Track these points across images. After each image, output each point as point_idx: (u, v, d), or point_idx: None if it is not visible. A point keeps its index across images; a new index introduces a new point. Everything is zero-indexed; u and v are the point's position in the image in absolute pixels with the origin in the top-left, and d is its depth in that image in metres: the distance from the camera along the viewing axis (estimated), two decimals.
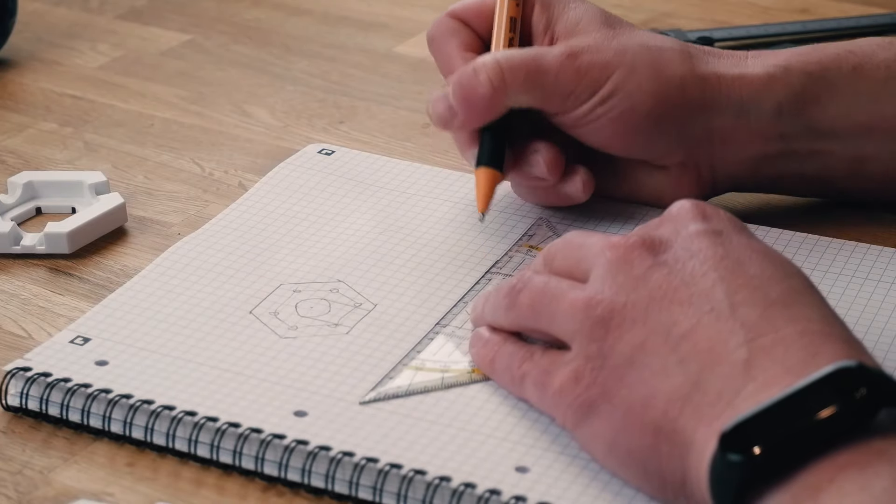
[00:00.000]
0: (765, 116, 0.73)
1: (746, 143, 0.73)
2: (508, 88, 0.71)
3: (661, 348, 0.57)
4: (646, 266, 0.59)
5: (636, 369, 0.57)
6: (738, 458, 0.52)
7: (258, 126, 0.90)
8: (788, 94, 0.73)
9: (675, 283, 0.58)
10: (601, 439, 0.58)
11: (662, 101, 0.72)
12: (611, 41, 0.72)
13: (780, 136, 0.73)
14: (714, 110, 0.73)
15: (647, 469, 0.57)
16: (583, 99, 0.72)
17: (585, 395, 0.58)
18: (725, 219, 0.61)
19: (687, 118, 0.73)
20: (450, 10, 0.76)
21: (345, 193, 0.80)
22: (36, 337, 0.70)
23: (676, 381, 0.56)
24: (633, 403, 0.57)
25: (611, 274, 0.59)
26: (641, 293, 0.58)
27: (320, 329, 0.68)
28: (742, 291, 0.57)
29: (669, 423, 0.55)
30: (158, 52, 1.00)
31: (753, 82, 0.73)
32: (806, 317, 0.56)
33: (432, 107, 0.73)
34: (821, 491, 0.50)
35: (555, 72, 0.71)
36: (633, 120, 0.72)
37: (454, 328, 0.68)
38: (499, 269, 0.73)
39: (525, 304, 0.62)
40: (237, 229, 0.77)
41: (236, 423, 0.62)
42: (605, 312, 0.59)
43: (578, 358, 0.59)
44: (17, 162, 0.86)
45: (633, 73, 0.72)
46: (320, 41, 1.02)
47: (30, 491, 0.61)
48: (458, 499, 0.58)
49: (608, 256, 0.60)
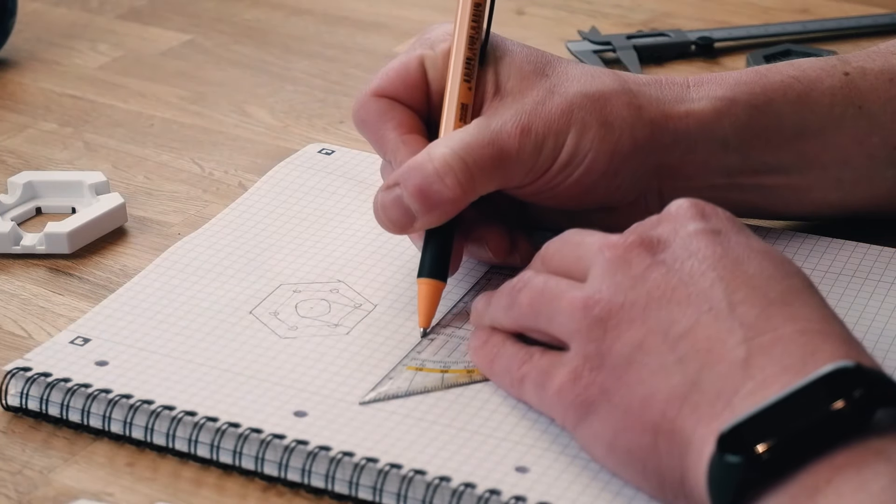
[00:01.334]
0: (712, 150, 0.72)
1: (693, 176, 0.72)
2: (476, 184, 0.67)
3: (660, 347, 0.57)
4: (644, 265, 0.59)
5: (635, 369, 0.57)
6: (737, 459, 0.52)
7: (258, 126, 0.90)
8: (735, 128, 0.71)
9: (674, 283, 0.58)
10: (601, 439, 0.58)
11: (616, 156, 0.70)
12: (553, 97, 0.69)
13: (726, 169, 0.72)
14: (663, 149, 0.71)
15: (646, 468, 0.57)
16: (542, 170, 0.69)
17: (584, 395, 0.58)
18: (724, 218, 0.61)
19: (638, 163, 0.71)
20: (373, 88, 0.71)
21: (345, 193, 0.80)
22: (36, 337, 0.70)
23: (675, 381, 0.56)
24: (632, 403, 0.57)
25: (609, 273, 0.59)
26: (640, 292, 0.58)
27: (320, 329, 0.68)
28: (741, 290, 0.57)
29: (668, 422, 0.56)
30: (158, 52, 1.00)
31: (701, 118, 0.71)
32: (805, 316, 0.56)
33: (385, 212, 0.67)
34: (818, 491, 0.50)
35: (516, 153, 0.68)
36: (590, 180, 0.70)
37: (454, 328, 0.68)
38: (499, 269, 0.73)
39: (524, 304, 0.62)
40: (237, 229, 0.77)
41: (236, 423, 0.62)
42: (603, 312, 0.59)
43: (577, 358, 0.59)
44: (17, 162, 0.86)
45: (585, 135, 0.69)
46: (320, 41, 1.02)
47: (30, 491, 0.61)
48: (458, 499, 0.58)
49: (606, 256, 0.60)
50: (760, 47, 0.98)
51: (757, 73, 0.73)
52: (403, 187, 0.67)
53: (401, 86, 0.71)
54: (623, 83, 0.71)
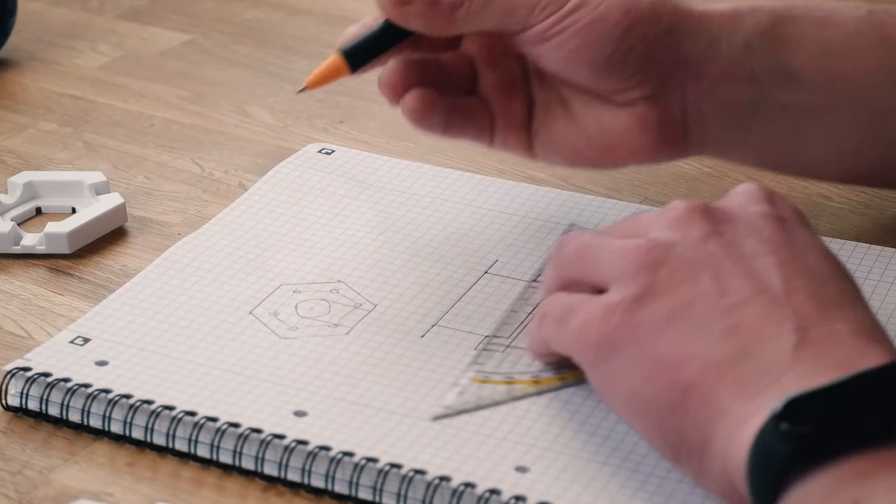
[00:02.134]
0: (735, 49, 0.70)
1: (719, 78, 0.70)
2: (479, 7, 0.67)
3: (709, 312, 0.56)
4: (705, 231, 0.59)
5: (676, 325, 0.56)
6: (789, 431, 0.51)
7: (258, 126, 0.90)
8: (757, 30, 0.71)
9: (733, 256, 0.58)
10: (621, 385, 0.58)
11: (632, 14, 0.68)
12: None
13: (752, 74, 0.70)
14: (684, 36, 0.70)
15: (664, 424, 0.56)
16: (551, 10, 0.68)
17: (612, 336, 0.57)
18: (791, 209, 0.61)
19: (656, 40, 0.69)
20: None
21: (345, 193, 0.80)
22: (36, 337, 0.70)
23: (720, 349, 0.55)
24: (666, 357, 0.56)
25: (670, 229, 0.59)
26: (698, 253, 0.58)
27: (320, 329, 0.68)
28: (799, 280, 0.57)
29: (706, 386, 0.55)
30: (158, 52, 1.00)
31: (722, 15, 0.71)
32: (857, 319, 0.56)
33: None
34: (853, 484, 0.50)
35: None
36: (602, 31, 0.68)
37: (513, 339, 0.67)
38: (497, 272, 0.73)
39: (570, 253, 0.61)
40: (237, 229, 0.77)
41: (236, 423, 0.62)
42: (657, 259, 0.58)
43: (614, 297, 0.58)
44: (17, 162, 0.86)
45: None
46: (320, 41, 1.02)
47: (30, 491, 0.61)
48: (458, 499, 0.58)
49: (669, 215, 0.60)
50: None
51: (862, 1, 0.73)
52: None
53: None
54: None
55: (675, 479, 0.59)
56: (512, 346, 0.66)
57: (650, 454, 0.60)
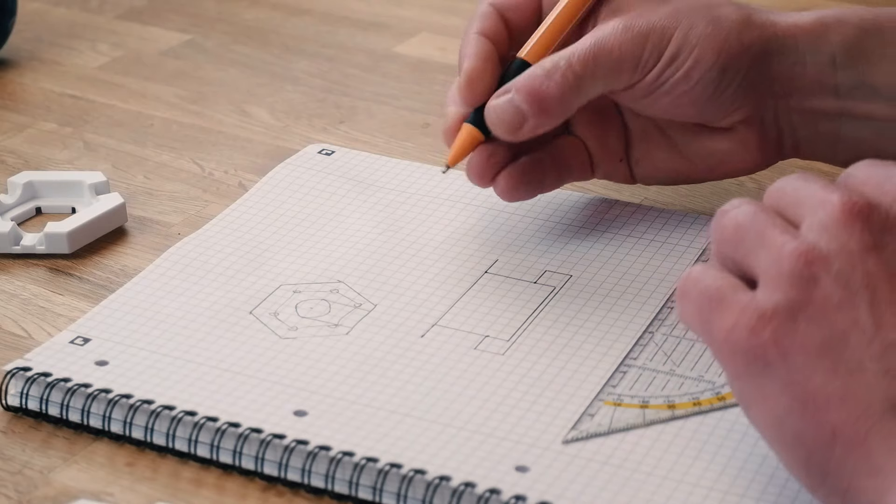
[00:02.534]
0: (820, 65, 0.72)
1: (806, 92, 0.72)
2: (582, 83, 0.70)
3: (864, 350, 0.53)
4: (864, 244, 0.54)
5: (830, 358, 0.53)
6: None
7: (258, 126, 0.90)
8: (843, 44, 0.72)
9: (894, 278, 0.53)
10: (767, 407, 0.54)
11: (724, 52, 0.71)
12: (662, 6, 0.72)
13: (836, 89, 0.72)
14: (772, 56, 0.72)
15: (810, 460, 0.53)
16: (649, 67, 0.71)
17: (762, 351, 0.54)
18: None
19: (747, 66, 0.72)
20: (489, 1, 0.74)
21: (345, 193, 0.80)
22: (36, 337, 0.70)
23: (873, 395, 0.52)
24: (818, 394, 0.53)
25: (828, 233, 0.53)
26: (856, 273, 0.53)
27: (320, 329, 0.68)
28: None
29: (856, 435, 0.52)
30: (158, 52, 1.00)
31: (807, 30, 0.72)
32: None
33: (497, 114, 0.70)
34: None
35: (618, 48, 0.70)
36: (700, 76, 0.71)
37: (645, 360, 0.66)
38: (496, 272, 0.73)
39: (729, 227, 0.57)
40: (237, 230, 0.77)
41: (236, 423, 0.62)
42: (812, 275, 0.54)
43: (765, 304, 0.54)
44: (17, 162, 0.86)
45: (693, 30, 0.71)
46: (320, 41, 1.02)
47: (30, 491, 0.61)
48: (458, 498, 0.58)
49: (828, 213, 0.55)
50: None
51: (868, 8, 0.73)
52: (515, 90, 0.70)
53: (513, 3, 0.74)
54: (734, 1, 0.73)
55: (675, 479, 0.59)
56: (645, 368, 0.65)
57: (650, 454, 0.60)
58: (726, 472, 0.59)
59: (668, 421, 0.62)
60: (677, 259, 0.73)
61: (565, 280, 0.72)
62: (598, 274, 0.72)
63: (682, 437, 0.61)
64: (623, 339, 0.67)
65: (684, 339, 0.67)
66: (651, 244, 0.74)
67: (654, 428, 0.62)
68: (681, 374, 0.65)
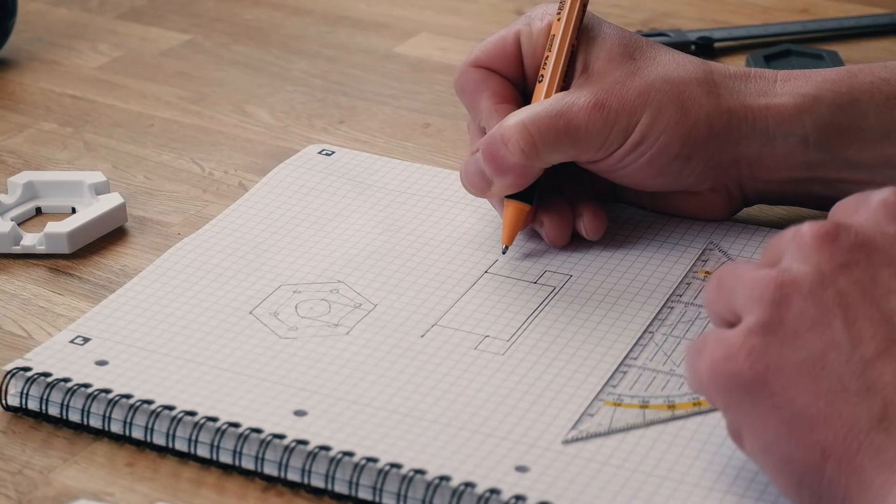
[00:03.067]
0: (791, 146, 0.72)
1: (773, 169, 0.73)
2: (539, 152, 0.70)
3: (843, 367, 0.52)
4: (835, 262, 0.54)
5: (810, 378, 0.53)
6: None
7: (258, 126, 0.90)
8: (816, 125, 0.71)
9: (867, 295, 0.53)
10: (755, 434, 0.54)
11: (690, 140, 0.71)
12: (633, 79, 0.71)
13: (806, 164, 0.72)
14: (740, 140, 0.72)
15: (801, 483, 0.53)
16: (613, 148, 0.71)
17: (742, 379, 0.54)
18: None
19: (714, 151, 0.72)
20: (472, 59, 0.74)
21: (345, 193, 0.80)
22: (36, 337, 0.70)
23: (857, 412, 0.52)
24: (803, 415, 0.53)
25: (799, 258, 0.55)
26: (827, 292, 0.54)
27: (320, 329, 0.68)
28: None
29: (845, 453, 0.52)
30: (158, 52, 1.00)
31: (780, 113, 0.71)
32: None
33: (466, 177, 0.72)
34: None
35: (584, 126, 0.70)
36: (663, 161, 0.71)
37: (645, 360, 0.66)
38: (496, 272, 0.73)
39: (712, 283, 0.58)
40: (237, 230, 0.77)
41: (236, 423, 0.62)
42: (783, 297, 0.54)
43: (737, 333, 0.54)
44: (17, 162, 0.86)
45: (660, 116, 0.70)
46: (320, 41, 1.02)
47: (30, 491, 0.61)
48: (458, 498, 0.58)
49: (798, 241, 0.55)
50: (760, 47, 0.98)
51: (847, 72, 0.73)
52: (480, 152, 0.71)
53: (497, 57, 0.75)
54: (707, 73, 0.73)
55: (675, 479, 0.59)
56: (645, 368, 0.65)
57: (650, 454, 0.60)
58: (726, 472, 0.59)
59: (668, 421, 0.62)
60: (677, 259, 0.73)
61: (565, 280, 0.72)
62: (598, 274, 0.72)
63: (682, 437, 0.61)
64: (623, 339, 0.67)
65: (684, 339, 0.67)
66: (651, 244, 0.74)
67: (654, 428, 0.62)
68: (681, 374, 0.65)
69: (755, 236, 0.75)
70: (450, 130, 0.89)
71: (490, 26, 1.03)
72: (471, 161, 0.72)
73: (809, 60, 0.95)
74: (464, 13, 1.06)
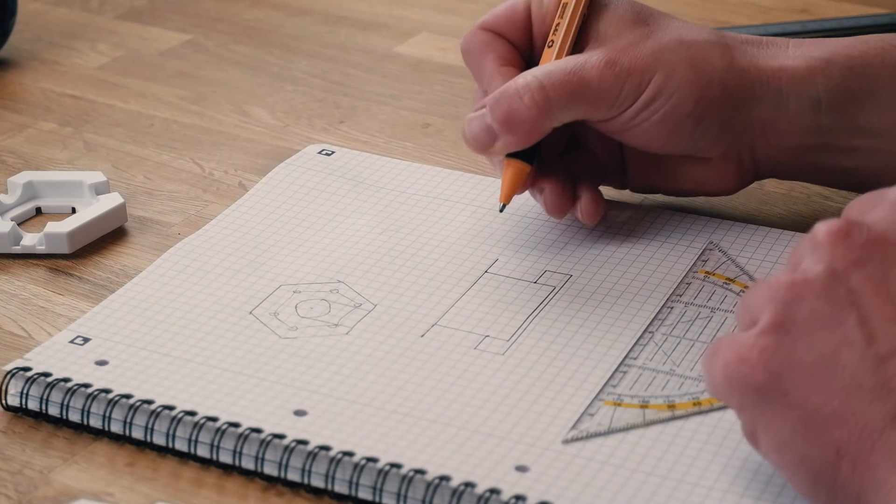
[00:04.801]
0: (804, 108, 0.72)
1: (786, 133, 0.72)
2: (553, 108, 0.70)
3: (857, 365, 0.52)
4: (848, 260, 0.54)
5: (824, 378, 0.53)
6: None
7: (258, 126, 0.90)
8: (828, 88, 0.71)
9: (881, 291, 0.53)
10: (770, 434, 0.54)
11: (703, 99, 0.71)
12: (646, 41, 0.71)
13: (818, 128, 0.72)
14: (753, 102, 0.72)
15: (818, 481, 0.53)
16: (626, 105, 0.71)
17: (755, 379, 0.54)
18: None
19: (727, 112, 0.72)
20: (481, 22, 0.75)
21: (345, 193, 0.80)
22: (36, 337, 0.70)
23: (872, 411, 0.52)
24: (817, 414, 0.53)
25: (813, 258, 0.55)
26: (839, 290, 0.53)
27: (320, 329, 0.68)
28: None
29: (860, 452, 0.52)
30: (158, 52, 1.00)
31: (793, 74, 0.71)
32: None
33: (469, 128, 0.71)
34: None
35: (596, 83, 0.70)
36: (676, 120, 0.71)
37: (645, 360, 0.66)
38: (496, 272, 0.73)
39: (745, 296, 0.57)
40: (237, 230, 0.77)
41: (236, 423, 0.62)
42: (795, 296, 0.54)
43: (749, 333, 0.54)
44: (17, 162, 0.86)
45: (673, 74, 0.70)
46: (320, 41, 1.02)
47: (30, 491, 0.61)
48: (458, 498, 0.58)
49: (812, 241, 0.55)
50: None
51: (859, 39, 0.73)
52: (488, 108, 0.70)
53: (505, 22, 0.74)
54: (721, 37, 0.73)
55: (675, 479, 0.59)
56: (645, 368, 0.65)
57: (650, 454, 0.60)
58: (726, 472, 0.59)
59: (668, 421, 0.62)
60: (677, 259, 0.73)
61: (565, 280, 0.72)
62: (597, 274, 0.72)
63: (682, 437, 0.61)
64: (623, 339, 0.67)
65: (684, 339, 0.67)
66: (651, 244, 0.74)
67: (654, 428, 0.62)
68: (681, 374, 0.65)
69: (755, 236, 0.75)
70: (450, 130, 0.89)
71: None
72: (475, 117, 0.71)
73: None
74: (464, 13, 1.06)
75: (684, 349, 0.66)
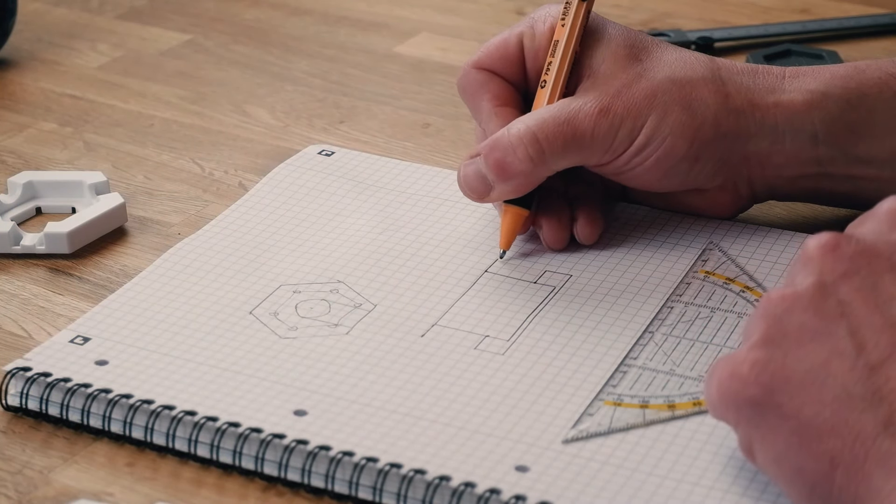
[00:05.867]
0: (801, 142, 0.72)
1: (783, 165, 0.73)
2: (547, 159, 0.70)
3: (847, 375, 0.52)
4: (837, 272, 0.54)
5: (815, 388, 0.53)
6: None
7: (258, 126, 0.90)
8: (825, 122, 0.71)
9: (869, 301, 0.53)
10: (766, 447, 0.55)
11: (697, 141, 0.71)
12: (639, 81, 0.71)
13: (816, 160, 0.72)
14: (749, 138, 0.72)
15: (813, 492, 0.53)
16: (620, 151, 0.71)
17: (748, 394, 0.54)
18: None
19: (722, 150, 0.72)
20: (475, 60, 0.75)
21: (345, 193, 0.80)
22: (36, 337, 0.70)
23: (864, 420, 0.52)
24: (810, 425, 0.53)
25: (804, 272, 0.55)
26: (829, 302, 0.54)
27: (320, 329, 0.68)
28: None
29: (854, 462, 0.52)
30: (158, 52, 1.00)
31: (790, 110, 0.71)
32: None
33: (465, 180, 0.71)
34: None
35: (590, 132, 0.70)
36: (670, 163, 0.71)
37: (645, 360, 0.66)
38: (495, 273, 0.73)
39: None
40: (237, 230, 0.77)
41: (236, 423, 0.62)
42: (786, 310, 0.54)
43: (741, 349, 0.55)
44: (17, 162, 0.86)
45: (666, 118, 0.70)
46: (320, 41, 1.02)
47: (30, 491, 0.61)
48: (458, 498, 0.58)
49: (802, 255, 0.56)
50: (760, 47, 0.98)
51: (855, 68, 0.73)
52: (482, 157, 0.71)
53: (499, 59, 0.75)
54: (715, 71, 0.72)
55: (675, 478, 0.59)
56: (645, 368, 0.65)
57: (650, 454, 0.60)
58: (726, 472, 0.59)
59: (668, 421, 0.62)
60: (677, 259, 0.73)
61: (565, 280, 0.72)
62: (597, 274, 0.72)
63: (682, 437, 0.61)
64: (623, 339, 0.67)
65: (684, 339, 0.67)
66: (651, 244, 0.74)
67: (654, 428, 0.62)
68: (681, 374, 0.65)
69: (755, 236, 0.75)
70: (450, 130, 0.89)
71: (490, 26, 1.03)
72: (470, 164, 0.71)
73: (809, 60, 0.95)
74: (464, 13, 1.06)
75: (684, 349, 0.66)
